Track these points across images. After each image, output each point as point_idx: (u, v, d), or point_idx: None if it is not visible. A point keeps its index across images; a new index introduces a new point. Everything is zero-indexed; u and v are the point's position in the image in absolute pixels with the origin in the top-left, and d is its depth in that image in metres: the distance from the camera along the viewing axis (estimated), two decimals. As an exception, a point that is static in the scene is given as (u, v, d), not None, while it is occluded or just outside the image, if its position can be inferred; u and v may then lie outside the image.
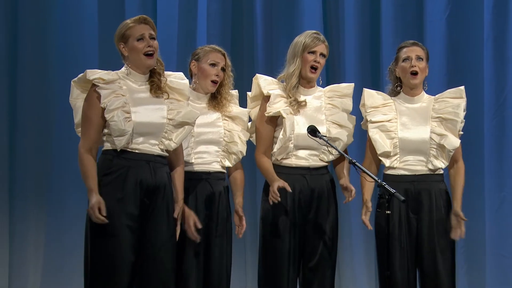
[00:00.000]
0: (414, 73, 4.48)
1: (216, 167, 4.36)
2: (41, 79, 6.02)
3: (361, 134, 4.77)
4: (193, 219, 4.19)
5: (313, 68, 4.48)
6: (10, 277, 5.98)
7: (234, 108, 4.49)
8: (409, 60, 4.48)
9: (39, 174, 6.04)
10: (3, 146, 5.99)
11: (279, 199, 4.28)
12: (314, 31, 4.56)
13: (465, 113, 4.55)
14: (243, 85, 4.74)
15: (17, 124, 6.04)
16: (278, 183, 4.30)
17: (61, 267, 5.96)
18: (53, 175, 6.01)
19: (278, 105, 4.45)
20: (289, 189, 4.31)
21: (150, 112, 4.04)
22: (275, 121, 4.49)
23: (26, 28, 6.02)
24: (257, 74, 4.59)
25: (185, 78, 4.22)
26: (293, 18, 6.19)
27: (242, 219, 4.38)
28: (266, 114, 4.46)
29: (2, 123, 5.99)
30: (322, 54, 4.50)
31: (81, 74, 4.04)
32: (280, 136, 4.44)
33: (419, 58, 4.49)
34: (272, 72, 4.66)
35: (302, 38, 4.50)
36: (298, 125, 4.45)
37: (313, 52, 4.48)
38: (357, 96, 4.66)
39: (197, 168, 4.34)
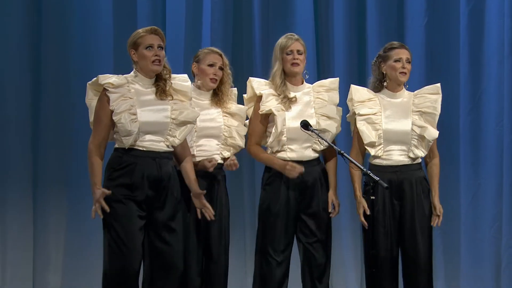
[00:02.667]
0: (404, 73, 4.69)
1: (216, 159, 4.53)
2: (62, 78, 6.16)
3: (347, 126, 4.91)
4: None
5: (294, 64, 4.63)
6: (34, 260, 6.17)
7: (234, 105, 4.69)
8: (400, 62, 4.67)
9: (60, 164, 6.17)
10: (27, 139, 6.13)
11: (299, 170, 4.47)
12: (289, 33, 4.73)
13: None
14: (243, 85, 4.85)
15: (40, 119, 6.16)
16: (288, 163, 4.49)
17: (81, 250, 6.12)
18: (73, 165, 6.13)
19: (269, 103, 4.62)
20: (301, 169, 4.49)
21: (155, 113, 4.22)
22: (268, 118, 4.66)
23: (48, 33, 6.16)
24: (250, 78, 4.75)
25: (189, 80, 4.39)
26: (288, 26, 6.26)
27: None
28: (260, 112, 4.62)
29: (27, 118, 6.13)
30: (298, 51, 4.63)
31: (94, 78, 4.24)
32: (273, 130, 4.61)
33: (408, 60, 4.70)
34: (268, 74, 4.77)
35: (279, 41, 4.69)
36: (290, 119, 4.60)
37: (290, 52, 4.62)
38: (345, 90, 4.84)
39: (199, 160, 4.51)
